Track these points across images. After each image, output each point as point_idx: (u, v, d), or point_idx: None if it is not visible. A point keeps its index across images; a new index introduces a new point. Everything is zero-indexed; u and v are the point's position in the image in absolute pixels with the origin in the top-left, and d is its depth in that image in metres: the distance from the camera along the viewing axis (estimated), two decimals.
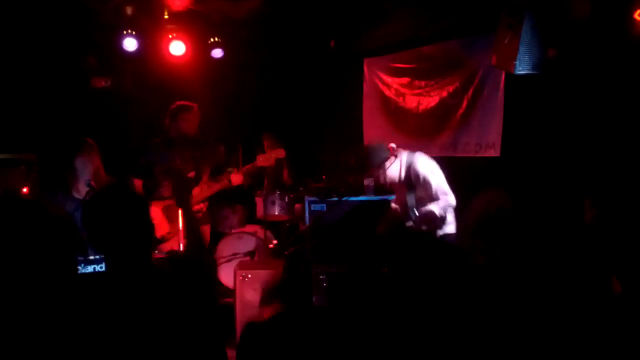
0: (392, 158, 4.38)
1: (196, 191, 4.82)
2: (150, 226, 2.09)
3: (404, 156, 4.43)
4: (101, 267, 3.51)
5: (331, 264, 4.18)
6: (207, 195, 4.88)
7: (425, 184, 4.32)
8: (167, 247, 4.60)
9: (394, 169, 4.41)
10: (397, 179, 4.43)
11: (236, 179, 4.83)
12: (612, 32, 4.15)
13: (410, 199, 4.36)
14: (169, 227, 4.69)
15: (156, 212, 4.71)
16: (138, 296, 1.97)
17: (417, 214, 4.30)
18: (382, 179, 4.50)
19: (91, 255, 3.72)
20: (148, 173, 4.85)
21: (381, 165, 4.39)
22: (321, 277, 4.10)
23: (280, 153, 4.98)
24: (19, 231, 1.06)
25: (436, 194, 4.31)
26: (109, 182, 4.06)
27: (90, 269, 3.58)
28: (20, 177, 6.40)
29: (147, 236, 2.08)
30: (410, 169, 4.38)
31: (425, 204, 4.32)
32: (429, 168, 4.38)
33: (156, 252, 4.28)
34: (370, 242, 4.25)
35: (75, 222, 1.45)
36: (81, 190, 4.14)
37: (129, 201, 2.07)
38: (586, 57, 4.37)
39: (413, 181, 4.37)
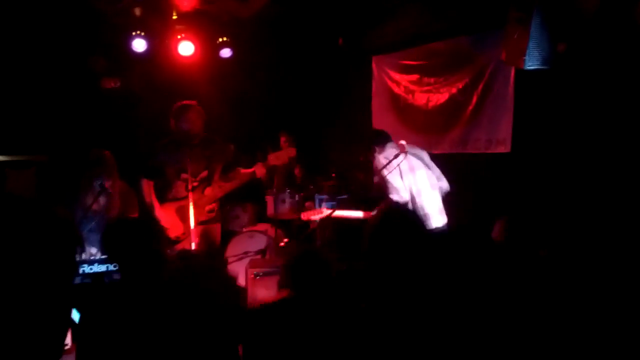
0: (395, 151, 4.50)
1: (208, 191, 4.81)
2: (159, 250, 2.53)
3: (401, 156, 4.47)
4: (115, 266, 3.55)
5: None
6: (221, 195, 4.88)
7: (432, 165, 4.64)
8: (181, 247, 4.62)
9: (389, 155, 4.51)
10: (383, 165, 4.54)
11: (260, 171, 4.87)
12: (621, 26, 4.12)
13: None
14: (183, 227, 4.70)
15: (169, 212, 4.71)
16: (151, 302, 2.34)
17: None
18: (376, 162, 4.60)
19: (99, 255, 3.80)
20: (159, 174, 4.84)
21: (382, 149, 4.53)
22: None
23: (292, 152, 4.98)
24: (19, 229, 1.06)
25: (439, 175, 4.66)
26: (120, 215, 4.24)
27: (103, 268, 3.63)
28: (32, 178, 6.46)
29: (158, 255, 2.51)
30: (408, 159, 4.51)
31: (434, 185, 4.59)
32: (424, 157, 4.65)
33: (169, 251, 4.29)
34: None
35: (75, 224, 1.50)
36: (90, 198, 4.22)
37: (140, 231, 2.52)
38: (596, 51, 4.35)
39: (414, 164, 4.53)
